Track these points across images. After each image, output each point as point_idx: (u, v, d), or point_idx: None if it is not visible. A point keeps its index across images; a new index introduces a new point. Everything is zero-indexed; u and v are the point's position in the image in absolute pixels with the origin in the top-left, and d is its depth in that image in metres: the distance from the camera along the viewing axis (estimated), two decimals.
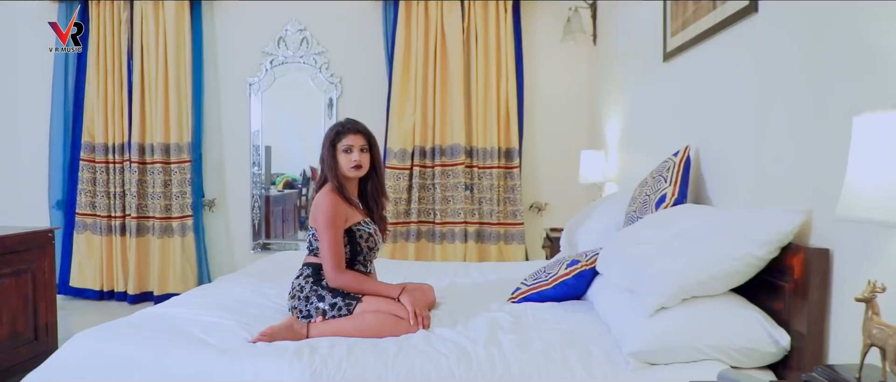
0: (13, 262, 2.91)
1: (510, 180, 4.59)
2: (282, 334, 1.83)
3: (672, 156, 2.38)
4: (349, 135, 2.17)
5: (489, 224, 4.60)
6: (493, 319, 2.02)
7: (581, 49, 4.65)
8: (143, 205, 4.69)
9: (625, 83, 3.69)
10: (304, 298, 2.05)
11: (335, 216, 2.07)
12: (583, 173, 4.01)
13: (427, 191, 4.64)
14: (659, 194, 2.25)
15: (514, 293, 2.31)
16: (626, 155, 3.67)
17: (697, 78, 2.51)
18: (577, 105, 4.71)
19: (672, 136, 2.75)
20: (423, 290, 2.24)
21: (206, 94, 4.77)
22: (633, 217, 2.33)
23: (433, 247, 4.63)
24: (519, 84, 4.57)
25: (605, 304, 1.98)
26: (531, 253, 4.69)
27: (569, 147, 4.62)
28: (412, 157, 4.58)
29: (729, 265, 1.59)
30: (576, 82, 4.71)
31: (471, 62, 4.55)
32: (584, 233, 2.83)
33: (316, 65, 4.75)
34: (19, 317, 2.94)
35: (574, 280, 2.20)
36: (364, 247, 2.16)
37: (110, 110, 4.65)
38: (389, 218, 4.49)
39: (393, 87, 4.56)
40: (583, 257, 2.25)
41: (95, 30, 4.62)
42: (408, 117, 4.58)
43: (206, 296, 2.25)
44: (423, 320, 1.94)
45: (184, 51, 4.62)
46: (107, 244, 4.70)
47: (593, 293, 2.17)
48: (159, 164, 4.62)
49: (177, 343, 1.68)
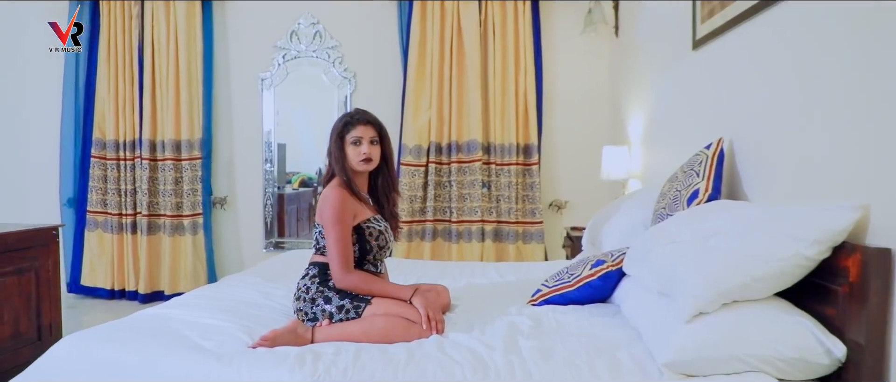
0: (15, 260, 2.82)
1: (529, 177, 4.43)
2: (285, 338, 1.70)
3: (704, 149, 2.21)
4: (358, 126, 2.04)
5: (507, 223, 4.45)
6: (512, 323, 1.88)
7: (602, 42, 4.48)
8: (154, 203, 4.60)
9: (649, 75, 3.53)
10: (309, 300, 1.92)
11: (343, 212, 1.94)
12: (605, 169, 3.84)
13: (443, 188, 4.50)
14: (691, 189, 2.09)
15: (535, 296, 2.16)
16: (651, 150, 3.50)
17: (730, 65, 2.35)
18: (598, 99, 4.55)
19: (703, 128, 2.59)
20: (437, 291, 2.10)
21: (217, 89, 4.68)
22: (663, 215, 2.17)
23: (449, 246, 4.49)
24: (538, 78, 4.42)
25: (633, 308, 1.83)
26: (551, 253, 4.53)
27: (590, 143, 4.45)
28: (428, 153, 4.45)
29: (775, 266, 1.43)
30: (597, 76, 4.54)
31: (488, 55, 4.41)
32: (609, 231, 2.67)
33: (329, 59, 4.63)
34: (22, 317, 2.86)
35: (599, 282, 2.05)
36: (374, 245, 2.02)
37: (121, 107, 4.57)
38: (403, 216, 4.37)
39: (408, 81, 4.43)
40: (608, 257, 2.10)
41: (106, 26, 4.55)
42: (423, 112, 4.45)
43: (208, 297, 2.13)
44: (436, 324, 1.81)
45: (195, 45, 4.53)
46: (118, 242, 4.63)
47: (620, 296, 2.01)
48: (170, 161, 4.54)
49: (170, 348, 1.56)
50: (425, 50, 4.41)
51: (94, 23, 4.60)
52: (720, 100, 2.44)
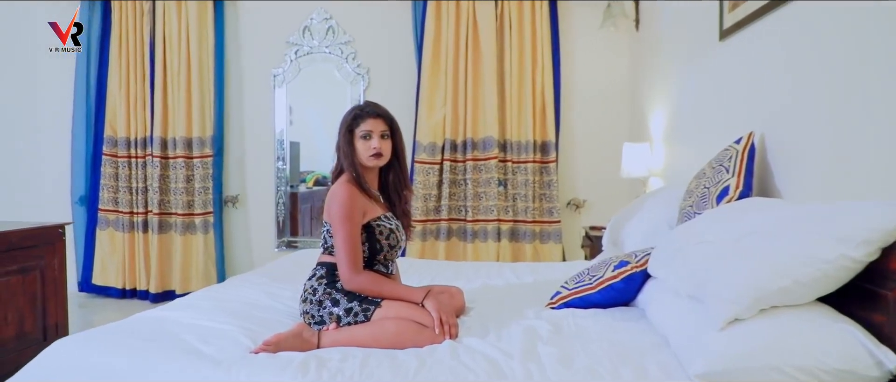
0: (19, 259, 2.76)
1: (546, 175, 4.31)
2: (289, 343, 1.61)
3: (733, 144, 2.09)
4: (368, 119, 1.94)
5: (524, 222, 4.34)
6: (529, 327, 1.77)
7: (622, 36, 4.35)
8: (166, 201, 4.55)
9: (672, 69, 3.40)
10: (316, 302, 1.83)
11: (352, 210, 1.84)
12: (625, 167, 3.72)
13: (458, 187, 4.40)
14: (720, 186, 1.96)
15: (554, 298, 2.05)
16: (674, 147, 3.37)
17: (760, 56, 2.22)
18: (618, 95, 4.42)
19: (731, 122, 2.46)
20: (451, 293, 1.99)
21: (228, 86, 4.62)
22: (690, 213, 2.05)
23: (464, 246, 4.39)
24: (555, 74, 4.30)
25: (660, 312, 1.71)
26: (569, 253, 4.41)
27: (609, 140, 4.33)
28: (442, 151, 4.35)
29: (818, 268, 1.31)
30: (616, 71, 4.41)
31: (505, 50, 4.29)
32: (631, 231, 2.55)
33: (342, 55, 4.55)
34: (26, 317, 2.80)
35: (622, 284, 1.93)
36: (384, 245, 1.92)
37: (132, 104, 4.53)
38: (418, 215, 4.28)
39: (422, 77, 4.34)
40: (632, 257, 1.98)
41: (117, 23, 4.51)
42: (438, 109, 4.35)
43: (212, 298, 2.04)
44: (449, 328, 1.70)
45: (206, 41, 4.47)
46: (129, 240, 4.58)
47: (645, 299, 1.90)
48: (181, 158, 4.48)
49: (166, 353, 1.47)
50: (440, 45, 4.31)
51: (106, 20, 4.56)
52: (750, 92, 2.31)
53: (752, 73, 2.29)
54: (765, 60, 2.18)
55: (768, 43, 2.15)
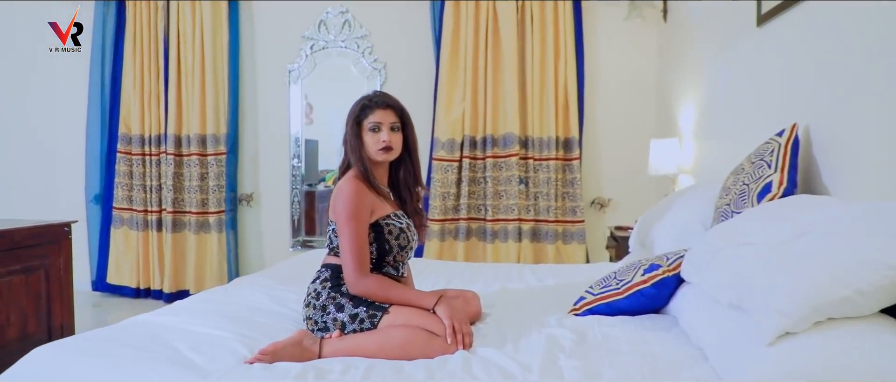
0: (23, 258, 2.68)
1: (569, 172, 4.14)
2: (288, 352, 1.48)
3: (775, 136, 1.91)
4: (377, 110, 1.80)
5: (546, 222, 4.17)
6: (551, 337, 1.62)
7: (649, 27, 4.17)
8: (180, 199, 4.47)
9: (703, 60, 3.21)
10: (319, 307, 1.69)
11: (358, 207, 1.70)
12: (652, 164, 3.53)
13: (477, 185, 4.25)
14: (762, 182, 1.79)
15: (578, 304, 1.89)
16: (705, 143, 3.19)
17: (805, 41, 2.03)
18: (645, 89, 4.23)
19: (770, 114, 2.28)
20: (466, 298, 1.85)
21: (243, 81, 4.53)
22: (727, 212, 1.88)
23: (484, 246, 4.24)
24: (579, 67, 4.13)
25: (696, 322, 1.55)
26: (593, 254, 4.24)
27: (635, 136, 4.14)
28: (461, 148, 4.20)
29: (884, 275, 1.13)
30: (643, 64, 4.23)
31: (526, 43, 4.14)
32: (661, 232, 2.38)
33: (358, 49, 4.42)
34: (30, 317, 2.71)
35: (653, 290, 1.77)
36: (394, 245, 1.78)
37: (147, 101, 4.46)
38: (436, 214, 4.14)
39: (440, 71, 4.20)
40: (663, 260, 1.81)
41: (132, 19, 4.44)
42: (456, 105, 4.21)
43: (212, 301, 1.93)
44: (463, 337, 1.56)
45: (220, 36, 4.39)
46: (143, 239, 4.52)
47: (678, 307, 1.73)
48: (196, 156, 4.40)
49: (150, 363, 1.35)
50: (459, 38, 4.17)
51: (120, 18, 4.49)
52: (792, 81, 2.13)
53: (795, 60, 2.10)
54: (810, 46, 2.00)
55: (814, 26, 1.97)
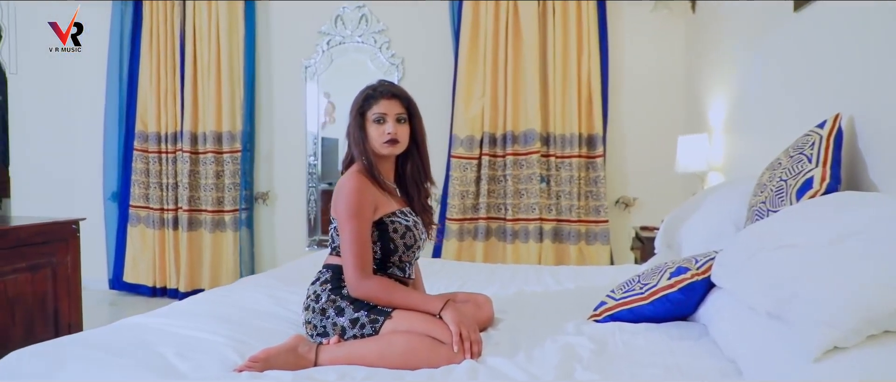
0: (29, 255, 2.62)
1: (593, 170, 3.99)
2: (281, 359, 1.37)
3: (816, 128, 1.75)
4: (381, 100, 1.68)
5: (568, 222, 4.02)
6: (567, 345, 1.48)
7: (676, 19, 4.00)
8: (195, 197, 4.42)
9: (734, 51, 3.04)
10: (319, 310, 1.58)
11: (360, 204, 1.59)
12: (680, 161, 3.37)
13: (497, 183, 4.11)
14: (801, 178, 1.63)
15: (598, 309, 1.76)
16: (736, 138, 3.01)
17: (849, 24, 1.87)
18: (672, 83, 4.06)
19: (808, 106, 2.11)
20: (477, 303, 1.72)
21: (259, 77, 4.46)
22: (762, 211, 1.72)
23: (504, 247, 4.10)
24: (603, 62, 3.97)
25: (728, 331, 1.40)
26: (617, 256, 4.07)
27: (662, 132, 3.97)
28: (481, 145, 4.07)
29: None
30: (670, 57, 4.05)
31: (547, 37, 3.99)
32: (690, 232, 2.22)
33: (376, 44, 4.32)
34: (36, 316, 2.66)
35: (680, 295, 1.62)
36: (399, 244, 1.66)
37: (163, 98, 4.42)
38: (454, 213, 4.02)
39: (459, 66, 4.07)
40: (691, 263, 1.67)
41: (149, 16, 4.40)
42: (476, 101, 4.08)
43: (211, 302, 1.83)
44: (471, 345, 1.43)
45: (237, 31, 4.32)
46: (159, 237, 4.47)
47: (708, 314, 1.58)
48: (211, 153, 4.34)
49: (128, 371, 1.25)
50: (478, 31, 4.04)
51: (137, 15, 4.46)
52: (834, 68, 1.96)
53: (838, 44, 1.94)
54: (855, 28, 1.83)
55: (860, 6, 1.80)
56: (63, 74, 4.65)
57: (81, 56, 4.58)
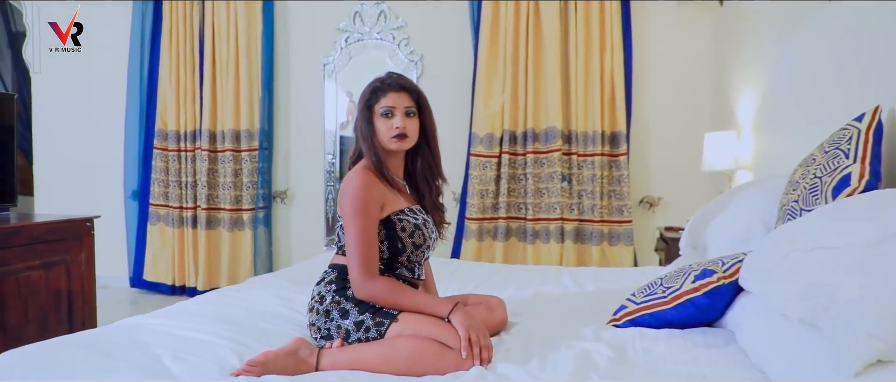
0: (42, 253, 2.60)
1: (616, 169, 3.88)
2: (280, 363, 1.31)
3: (853, 121, 1.64)
4: (389, 93, 1.61)
5: (590, 222, 3.91)
6: (584, 352, 1.40)
7: (702, 12, 3.87)
8: (214, 196, 4.41)
9: (764, 44, 2.91)
10: (323, 312, 1.51)
11: (366, 201, 1.52)
12: (707, 159, 3.24)
13: (518, 182, 4.02)
14: (838, 174, 1.52)
15: (618, 314, 1.67)
16: (766, 134, 2.89)
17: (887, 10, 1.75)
18: (699, 79, 3.92)
19: (844, 99, 2.00)
20: (489, 305, 1.64)
21: (277, 76, 4.43)
22: (795, 210, 1.61)
23: (524, 247, 4.01)
24: (627, 57, 3.86)
25: (756, 339, 1.31)
26: (641, 257, 3.95)
27: (688, 130, 3.85)
28: (500, 143, 3.99)
29: None
30: (697, 52, 3.92)
31: (569, 32, 3.89)
32: (716, 232, 2.11)
33: (394, 41, 4.26)
34: (50, 314, 2.64)
35: (705, 299, 1.52)
36: (407, 243, 1.58)
37: (182, 96, 4.41)
38: (473, 212, 3.94)
39: (479, 63, 3.99)
40: (718, 265, 1.57)
41: (168, 15, 4.40)
42: (496, 98, 3.99)
43: (215, 302, 1.78)
44: (480, 351, 1.35)
45: (255, 29, 4.30)
46: (178, 236, 4.47)
47: (735, 319, 1.48)
48: (230, 152, 4.32)
49: (118, 374, 1.19)
50: (498, 27, 3.96)
51: (157, 15, 4.45)
52: (873, 58, 1.84)
53: (878, 33, 1.82)
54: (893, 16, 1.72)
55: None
56: (85, 74, 4.67)
57: (103, 55, 4.62)
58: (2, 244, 2.44)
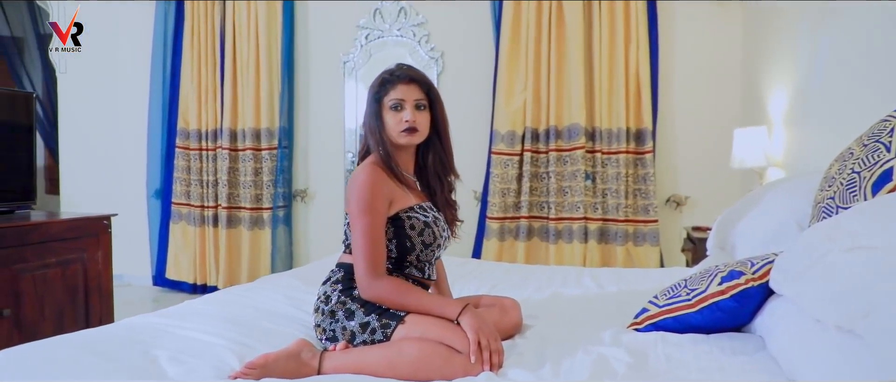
0: (59, 251, 2.60)
1: (641, 167, 3.77)
2: (280, 366, 1.25)
3: (894, 113, 1.52)
4: (399, 85, 1.55)
5: (615, 221, 3.81)
6: (601, 357, 1.32)
7: (733, 4, 3.73)
8: (235, 194, 4.41)
9: (798, 35, 2.78)
10: (328, 312, 1.46)
11: (373, 197, 1.46)
12: (736, 156, 3.12)
13: (540, 180, 3.94)
14: (878, 169, 1.41)
15: (639, 317, 1.58)
16: (799, 130, 2.76)
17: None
18: (729, 73, 3.79)
19: (885, 90, 1.88)
20: (503, 307, 1.56)
21: (297, 74, 4.42)
22: (831, 208, 1.51)
23: (546, 247, 3.92)
24: (653, 51, 3.74)
25: (789, 346, 1.21)
26: (667, 258, 3.84)
27: (717, 126, 3.72)
28: (522, 140, 3.91)
29: None
30: (726, 44, 3.79)
31: (593, 26, 3.80)
32: (745, 231, 2.00)
33: (415, 37, 4.21)
34: (66, 312, 2.64)
35: (733, 303, 1.43)
36: (416, 242, 1.52)
37: (204, 95, 4.42)
38: (495, 211, 3.86)
39: (500, 59, 3.92)
40: (746, 267, 1.47)
41: (190, 14, 4.41)
42: (517, 95, 3.92)
43: (222, 301, 1.74)
44: (490, 355, 1.28)
45: (275, 26, 4.29)
46: (200, 234, 4.48)
47: (765, 325, 1.39)
48: (250, 150, 4.31)
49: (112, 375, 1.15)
50: (520, 22, 3.88)
51: (180, 15, 4.47)
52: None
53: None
54: None
55: None
56: (110, 74, 4.71)
57: (127, 56, 4.65)
58: (18, 242, 2.44)
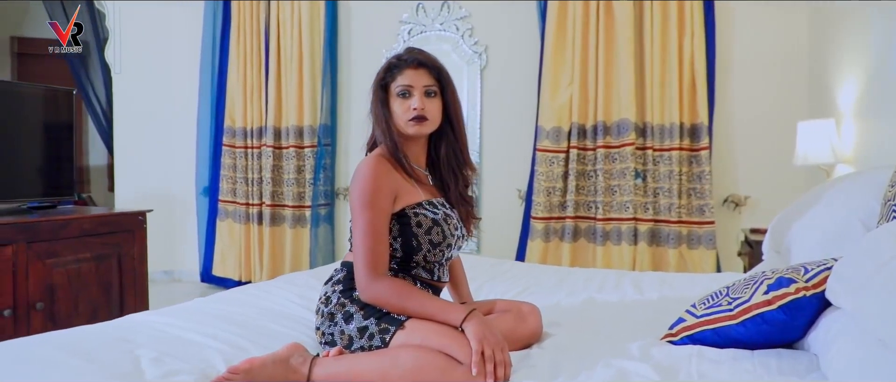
0: (93, 246, 2.62)
1: (696, 165, 3.52)
2: (267, 371, 1.16)
3: None
4: (406, 70, 1.43)
5: (667, 222, 3.58)
6: (622, 373, 1.16)
7: None
8: (278, 192, 4.41)
9: (870, 20, 2.52)
10: (328, 315, 1.36)
11: (376, 192, 1.34)
12: (801, 152, 2.86)
13: (587, 179, 3.75)
14: None
15: (675, 328, 1.41)
16: (872, 123, 2.50)
17: None
18: (792, 63, 3.50)
19: None
20: (520, 313, 1.42)
21: (340, 71, 4.37)
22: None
23: (593, 249, 3.72)
24: (709, 42, 3.49)
25: (846, 369, 1.03)
26: (724, 262, 3.58)
27: (780, 120, 3.44)
28: (568, 137, 3.72)
29: None
30: (790, 33, 3.50)
31: (643, 15, 3.58)
32: (802, 233, 1.79)
33: (458, 32, 4.09)
34: (101, 307, 2.66)
35: (781, 315, 1.24)
36: (423, 241, 1.39)
37: (249, 93, 4.44)
38: (540, 211, 3.70)
39: (545, 52, 3.75)
40: (798, 273, 1.28)
41: (237, 13, 4.44)
42: (563, 89, 3.74)
43: (228, 300, 1.68)
44: (495, 367, 1.15)
45: (318, 23, 4.26)
46: (245, 232, 4.50)
47: (819, 341, 1.20)
48: (293, 148, 4.31)
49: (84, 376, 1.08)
50: (566, 13, 3.70)
51: (227, 14, 4.51)
52: None
53: None
54: None
55: None
56: (162, 73, 4.79)
57: (178, 55, 4.72)
58: (51, 236, 2.46)
